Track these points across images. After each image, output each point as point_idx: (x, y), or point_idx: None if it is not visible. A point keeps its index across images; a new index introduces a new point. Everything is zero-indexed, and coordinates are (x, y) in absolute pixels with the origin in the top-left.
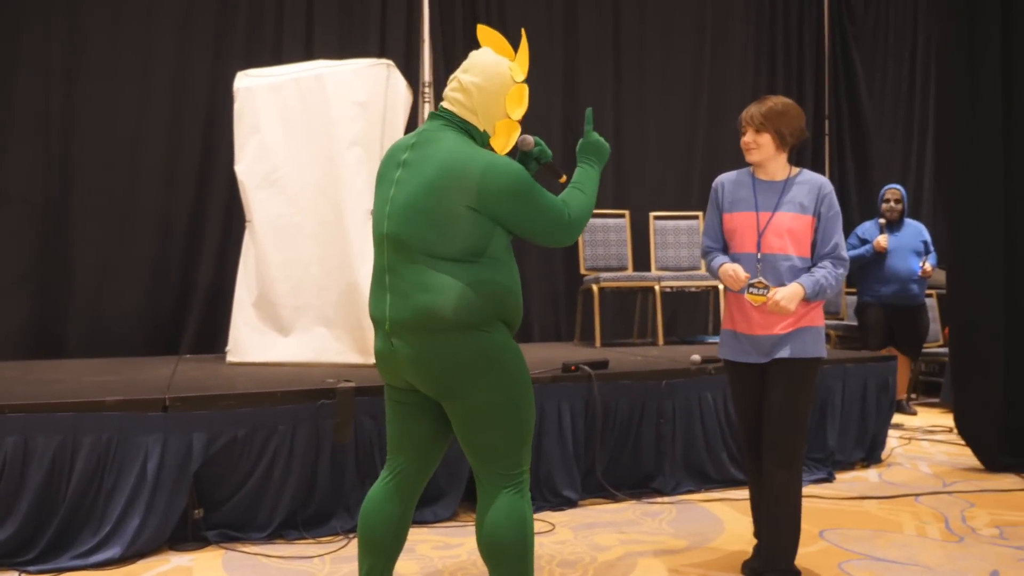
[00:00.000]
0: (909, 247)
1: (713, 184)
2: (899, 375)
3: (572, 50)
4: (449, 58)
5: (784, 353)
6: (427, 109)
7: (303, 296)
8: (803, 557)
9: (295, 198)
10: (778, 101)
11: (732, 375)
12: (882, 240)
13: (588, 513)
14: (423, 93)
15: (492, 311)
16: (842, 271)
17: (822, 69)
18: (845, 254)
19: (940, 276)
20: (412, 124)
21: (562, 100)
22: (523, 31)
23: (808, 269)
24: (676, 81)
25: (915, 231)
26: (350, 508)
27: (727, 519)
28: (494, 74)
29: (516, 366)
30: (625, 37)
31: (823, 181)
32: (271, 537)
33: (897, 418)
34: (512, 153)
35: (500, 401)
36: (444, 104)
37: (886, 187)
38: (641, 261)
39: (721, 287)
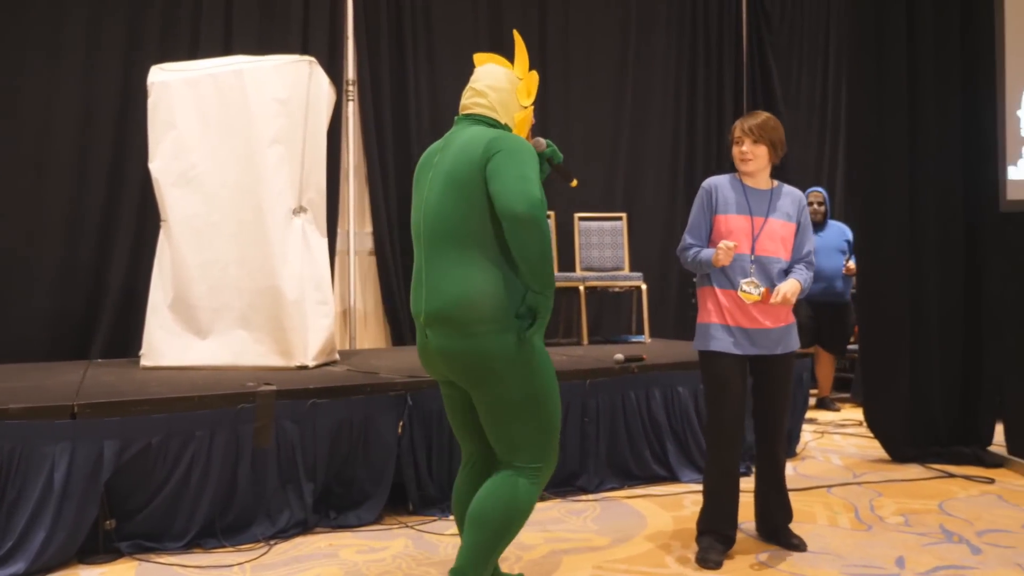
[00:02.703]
0: (833, 247)
1: (704, 186)
2: (824, 373)
3: (498, 52)
4: (374, 56)
5: (781, 348)
6: (352, 107)
7: (221, 298)
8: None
9: (213, 197)
10: (769, 116)
11: (719, 366)
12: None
13: None
14: (347, 91)
15: (517, 301)
16: (812, 274)
17: (741, 76)
18: (814, 259)
19: None
20: (336, 122)
21: None
22: (515, 32)
23: (787, 271)
24: (600, 86)
25: (838, 231)
26: (271, 514)
27: (650, 515)
28: (501, 76)
29: (541, 362)
30: (550, 42)
31: (800, 194)
32: (188, 546)
33: (811, 413)
34: None
35: (524, 395)
36: (465, 112)
37: (809, 190)
38: (566, 261)
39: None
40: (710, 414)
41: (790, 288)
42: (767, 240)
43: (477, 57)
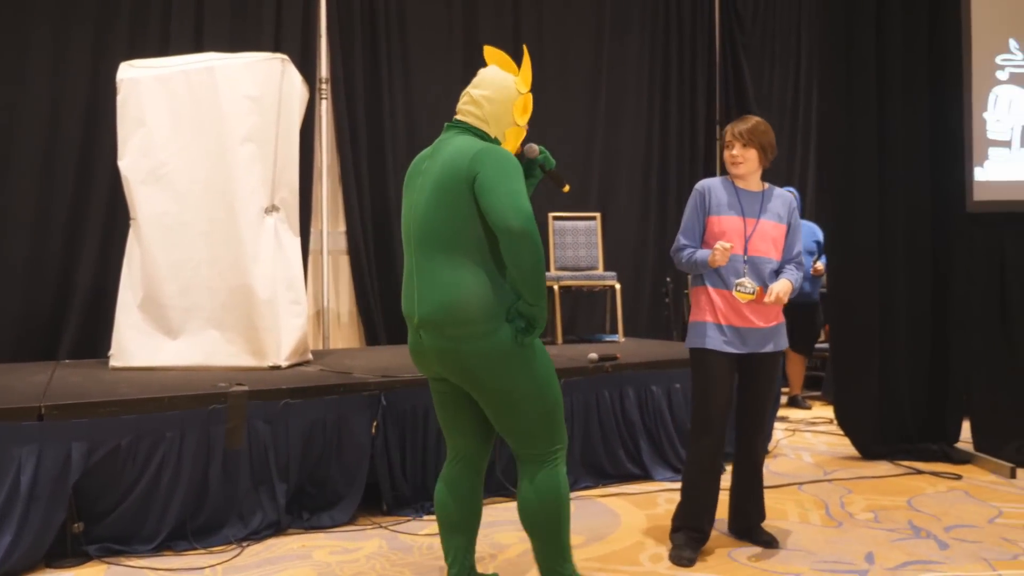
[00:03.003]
0: (802, 247)
1: (697, 187)
2: (794, 372)
3: (472, 52)
4: (347, 54)
5: (771, 347)
6: (324, 106)
7: (192, 297)
8: None
9: (183, 195)
10: (760, 121)
11: (710, 363)
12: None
13: (488, 512)
14: (320, 89)
15: (507, 302)
16: (802, 274)
17: (713, 77)
18: (803, 259)
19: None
20: (309, 120)
21: None
22: (524, 47)
23: (778, 272)
24: (574, 87)
25: (809, 231)
26: (243, 516)
27: (624, 513)
28: (501, 87)
29: (536, 353)
30: (525, 41)
31: (790, 196)
32: (158, 549)
33: (783, 411)
34: (519, 159)
35: (522, 389)
36: (458, 116)
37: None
38: None
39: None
40: (697, 410)
41: (783, 288)
42: (759, 241)
43: (487, 52)
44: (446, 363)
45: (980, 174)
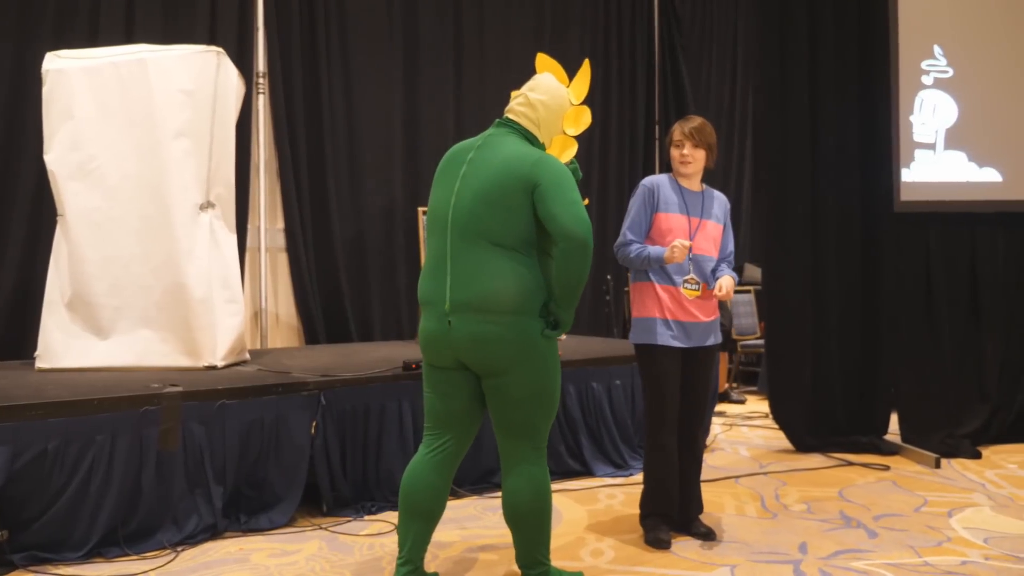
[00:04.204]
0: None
1: (645, 184)
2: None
3: (412, 49)
4: (285, 49)
5: (712, 340)
6: (262, 100)
7: (123, 296)
8: (634, 541)
9: (113, 190)
10: (705, 121)
11: (660, 360)
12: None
13: None
14: (257, 84)
15: (543, 299)
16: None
17: (653, 78)
18: (733, 259)
19: (755, 272)
20: (246, 115)
21: (403, 100)
22: (587, 62)
23: (714, 270)
24: (515, 85)
25: None
26: (178, 520)
27: (565, 509)
28: (556, 94)
29: (556, 351)
30: (466, 40)
31: (724, 197)
32: (88, 556)
33: (723, 406)
34: None
35: (540, 381)
36: (510, 115)
37: None
38: None
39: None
40: (651, 406)
41: (730, 283)
42: (702, 240)
43: (540, 60)
44: (478, 348)
45: (907, 175)
